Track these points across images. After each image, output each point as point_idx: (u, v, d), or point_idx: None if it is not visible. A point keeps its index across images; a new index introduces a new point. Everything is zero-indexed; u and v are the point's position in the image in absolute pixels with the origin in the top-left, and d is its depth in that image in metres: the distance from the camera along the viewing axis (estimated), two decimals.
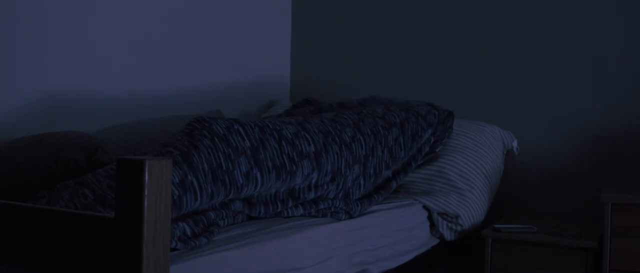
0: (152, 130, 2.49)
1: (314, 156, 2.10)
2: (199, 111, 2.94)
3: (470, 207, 2.56)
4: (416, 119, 2.49)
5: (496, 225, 2.52)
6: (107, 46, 2.57)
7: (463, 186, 2.56)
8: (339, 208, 2.14)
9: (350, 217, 2.15)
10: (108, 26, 2.57)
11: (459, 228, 2.52)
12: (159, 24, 2.78)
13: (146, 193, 1.11)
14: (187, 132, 1.91)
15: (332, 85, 3.40)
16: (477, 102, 3.07)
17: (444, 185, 2.55)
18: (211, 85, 3.07)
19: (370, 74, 3.31)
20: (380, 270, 2.18)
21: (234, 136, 1.93)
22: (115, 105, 2.62)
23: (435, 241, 2.52)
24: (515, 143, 2.88)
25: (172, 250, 1.61)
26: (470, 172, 2.64)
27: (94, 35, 2.52)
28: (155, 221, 1.13)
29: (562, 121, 2.90)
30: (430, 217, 2.53)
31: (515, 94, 3.00)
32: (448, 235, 2.51)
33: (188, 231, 1.69)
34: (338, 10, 3.40)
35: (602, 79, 2.84)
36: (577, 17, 2.88)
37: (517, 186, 2.95)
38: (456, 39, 3.12)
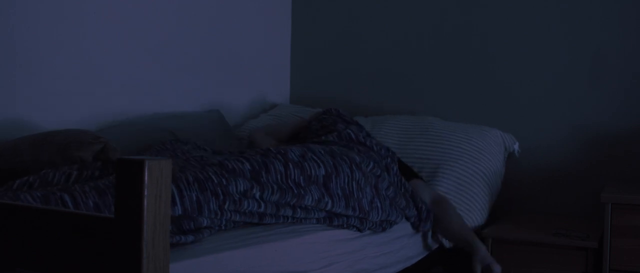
0: (151, 128, 2.49)
1: (322, 181, 2.03)
2: (197, 111, 2.94)
3: (466, 219, 2.56)
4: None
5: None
6: (106, 47, 2.57)
7: (461, 198, 2.58)
8: (351, 225, 2.10)
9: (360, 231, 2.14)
10: (107, 27, 2.57)
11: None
12: (158, 24, 2.78)
13: (146, 193, 1.11)
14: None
15: (332, 86, 3.40)
16: (477, 103, 3.07)
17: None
18: (211, 86, 3.07)
19: (369, 74, 3.31)
20: None
21: (232, 162, 1.90)
22: (114, 106, 2.62)
23: (436, 245, 2.51)
24: (516, 146, 2.88)
25: None
26: (471, 179, 2.64)
27: (94, 35, 2.52)
28: (155, 221, 1.13)
29: (562, 121, 2.90)
30: None
31: (515, 95, 3.00)
32: (446, 243, 2.50)
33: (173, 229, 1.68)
34: (338, 12, 3.40)
35: (602, 79, 2.84)
36: (577, 17, 2.88)
37: (517, 186, 2.95)
38: (456, 40, 3.12)
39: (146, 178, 1.11)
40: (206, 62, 3.03)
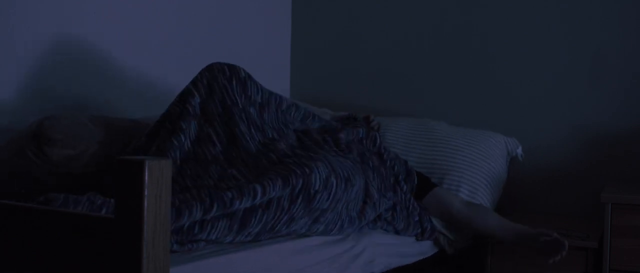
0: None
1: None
2: None
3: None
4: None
5: None
6: (106, 47, 2.57)
7: None
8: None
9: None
10: (107, 27, 2.57)
11: (458, 245, 2.53)
12: (158, 24, 2.78)
13: (146, 193, 1.11)
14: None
15: (332, 86, 3.40)
16: (477, 103, 3.07)
17: None
18: None
19: (369, 74, 3.31)
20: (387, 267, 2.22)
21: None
22: (114, 106, 2.62)
23: (436, 249, 2.52)
24: (519, 150, 2.86)
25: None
26: (475, 186, 2.64)
27: (94, 35, 2.52)
28: (155, 221, 1.13)
29: (562, 121, 2.90)
30: None
31: (515, 95, 3.00)
32: (449, 250, 2.52)
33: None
34: (338, 12, 3.40)
35: (602, 79, 2.84)
36: (577, 17, 2.88)
37: (517, 186, 2.95)
38: (456, 40, 3.12)
39: (146, 178, 1.11)
40: (206, 62, 3.02)
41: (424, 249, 2.44)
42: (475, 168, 2.67)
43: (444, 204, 2.45)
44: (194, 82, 2.09)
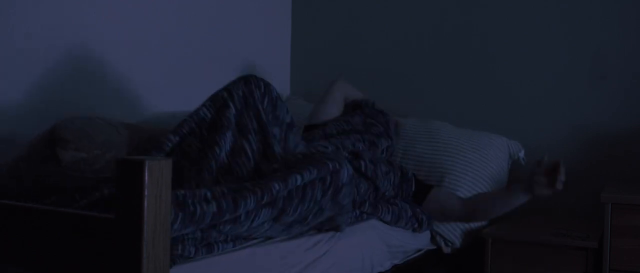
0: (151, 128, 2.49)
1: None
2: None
3: (466, 231, 2.59)
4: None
5: None
6: (106, 47, 2.57)
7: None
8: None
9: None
10: (107, 27, 2.57)
11: (455, 246, 2.56)
12: (158, 24, 2.78)
13: (146, 193, 1.11)
14: None
15: None
16: (477, 103, 3.07)
17: None
18: (211, 86, 3.06)
19: (369, 74, 3.31)
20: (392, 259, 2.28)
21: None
22: (113, 106, 2.62)
23: (434, 246, 2.56)
24: (521, 154, 2.86)
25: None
26: (476, 188, 2.64)
27: (94, 35, 2.52)
28: (155, 221, 1.13)
29: (562, 121, 2.90)
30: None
31: (515, 95, 3.00)
32: (445, 249, 2.56)
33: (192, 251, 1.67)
34: (338, 12, 3.40)
35: (602, 79, 2.84)
36: (577, 17, 2.88)
37: None
38: (456, 40, 3.12)
39: (146, 178, 1.11)
40: (206, 62, 3.03)
41: (427, 242, 2.49)
42: (476, 170, 2.68)
43: (446, 207, 2.47)
44: (229, 92, 2.08)
